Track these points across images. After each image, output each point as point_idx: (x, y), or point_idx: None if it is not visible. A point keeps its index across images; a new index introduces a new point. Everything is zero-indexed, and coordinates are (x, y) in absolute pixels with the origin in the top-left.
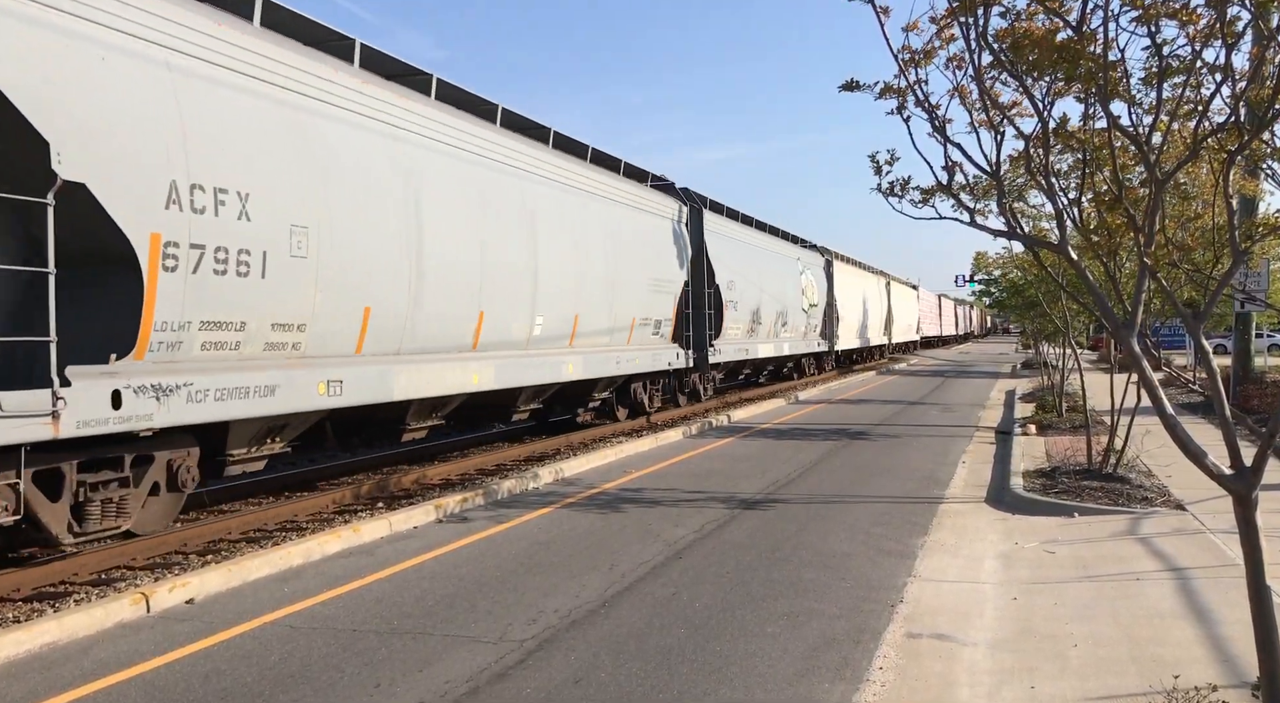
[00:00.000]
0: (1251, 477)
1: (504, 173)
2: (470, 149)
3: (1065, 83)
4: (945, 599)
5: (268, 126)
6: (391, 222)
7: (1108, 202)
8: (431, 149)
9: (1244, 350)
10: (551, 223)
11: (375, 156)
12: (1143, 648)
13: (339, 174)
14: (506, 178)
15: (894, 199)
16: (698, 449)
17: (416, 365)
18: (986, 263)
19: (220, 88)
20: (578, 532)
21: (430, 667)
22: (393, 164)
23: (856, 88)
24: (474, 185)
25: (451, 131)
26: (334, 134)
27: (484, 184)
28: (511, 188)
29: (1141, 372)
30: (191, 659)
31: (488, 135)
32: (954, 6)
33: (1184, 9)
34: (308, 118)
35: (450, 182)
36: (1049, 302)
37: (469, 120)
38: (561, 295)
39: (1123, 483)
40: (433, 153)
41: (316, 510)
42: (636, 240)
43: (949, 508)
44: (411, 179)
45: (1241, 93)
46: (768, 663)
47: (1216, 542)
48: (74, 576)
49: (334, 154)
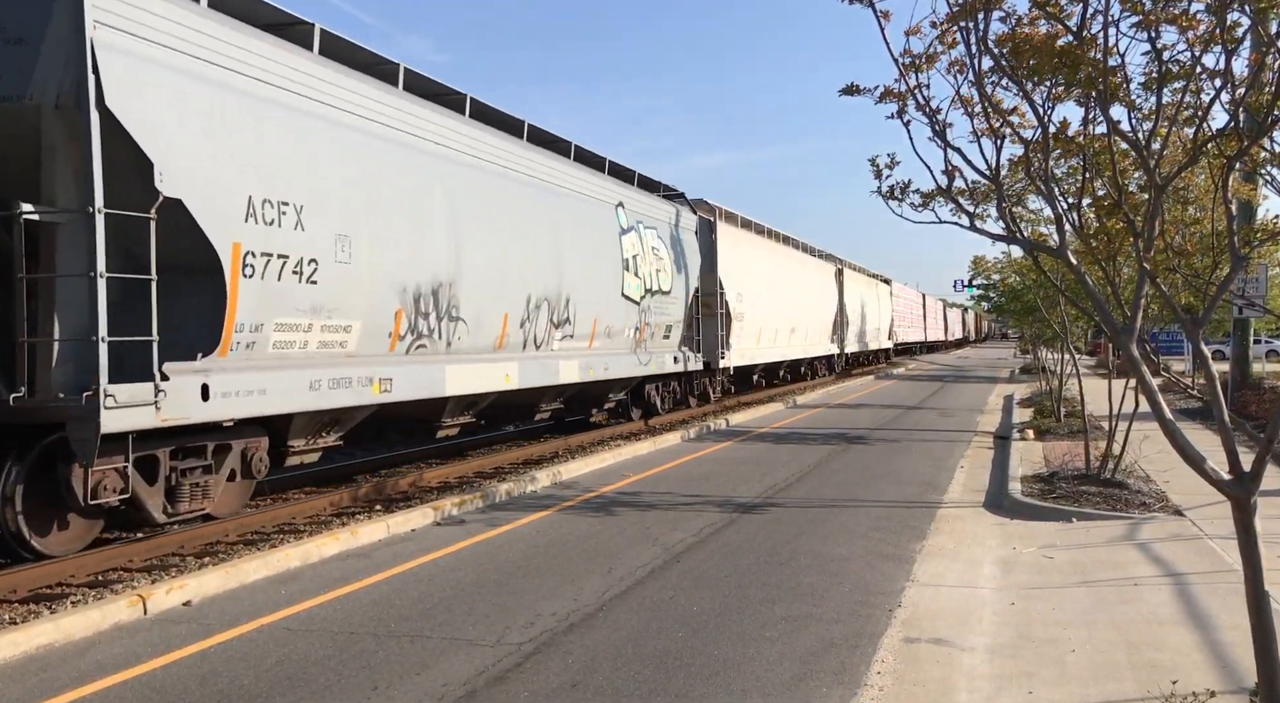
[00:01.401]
0: (1250, 482)
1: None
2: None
3: (1065, 88)
4: (943, 604)
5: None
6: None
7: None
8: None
9: (1242, 356)
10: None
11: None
12: (1141, 654)
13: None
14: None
15: (894, 203)
16: (696, 453)
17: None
18: (985, 267)
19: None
20: (575, 535)
21: (428, 670)
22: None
23: (857, 92)
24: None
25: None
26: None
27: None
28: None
29: (1140, 377)
30: (189, 662)
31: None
32: (954, 11)
33: (1184, 14)
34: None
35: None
36: (1048, 307)
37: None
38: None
39: (1121, 488)
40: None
41: (314, 513)
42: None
43: (947, 513)
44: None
45: (1241, 99)
46: (765, 667)
47: (1215, 547)
48: (71, 577)
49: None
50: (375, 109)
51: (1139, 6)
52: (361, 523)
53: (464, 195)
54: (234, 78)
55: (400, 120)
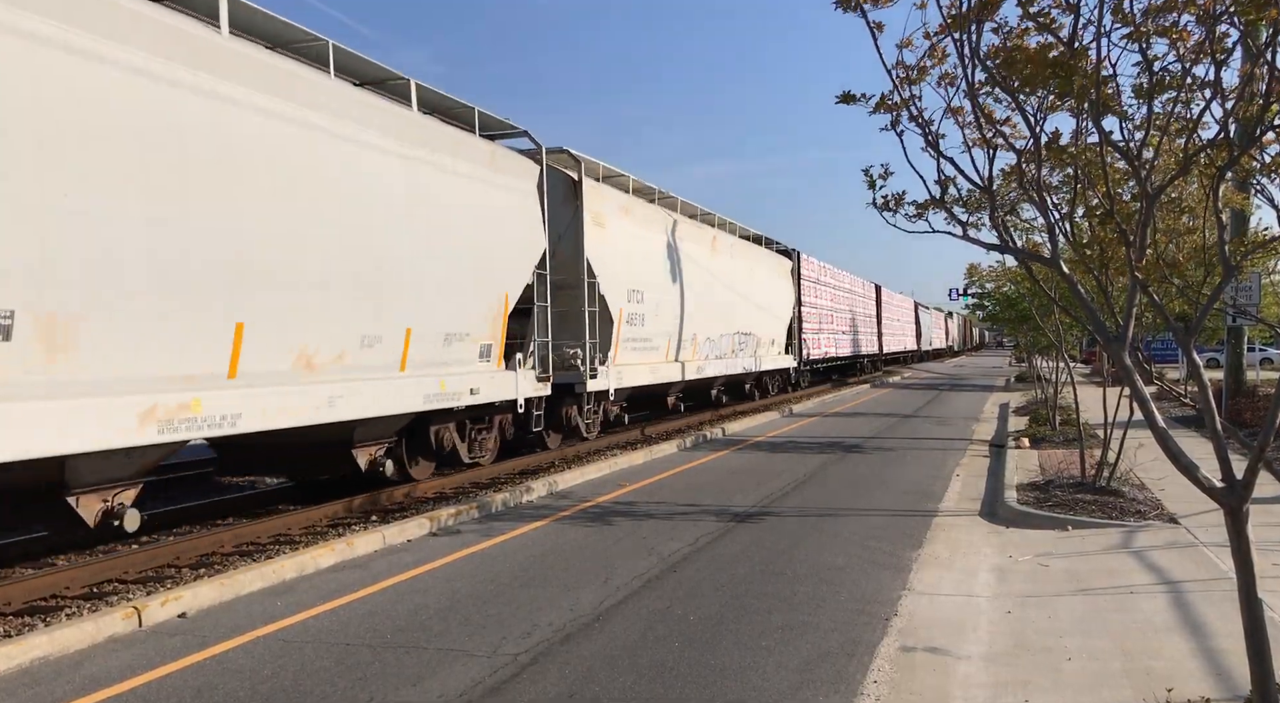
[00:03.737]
0: (1243, 490)
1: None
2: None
3: (1058, 98)
4: (939, 612)
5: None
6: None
7: (1099, 216)
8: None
9: (1236, 364)
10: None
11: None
12: (1136, 661)
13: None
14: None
15: (888, 213)
16: (691, 462)
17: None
18: (980, 275)
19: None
20: (572, 545)
21: (424, 681)
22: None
23: (852, 100)
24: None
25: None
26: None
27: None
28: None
29: (1133, 385)
30: (184, 674)
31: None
32: (947, 23)
33: (1174, 26)
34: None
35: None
36: (1042, 315)
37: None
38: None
39: (1116, 496)
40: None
41: (309, 523)
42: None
43: (943, 521)
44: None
45: (1231, 109)
46: (762, 676)
47: (1209, 555)
48: (65, 589)
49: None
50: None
51: (1130, 18)
52: (357, 534)
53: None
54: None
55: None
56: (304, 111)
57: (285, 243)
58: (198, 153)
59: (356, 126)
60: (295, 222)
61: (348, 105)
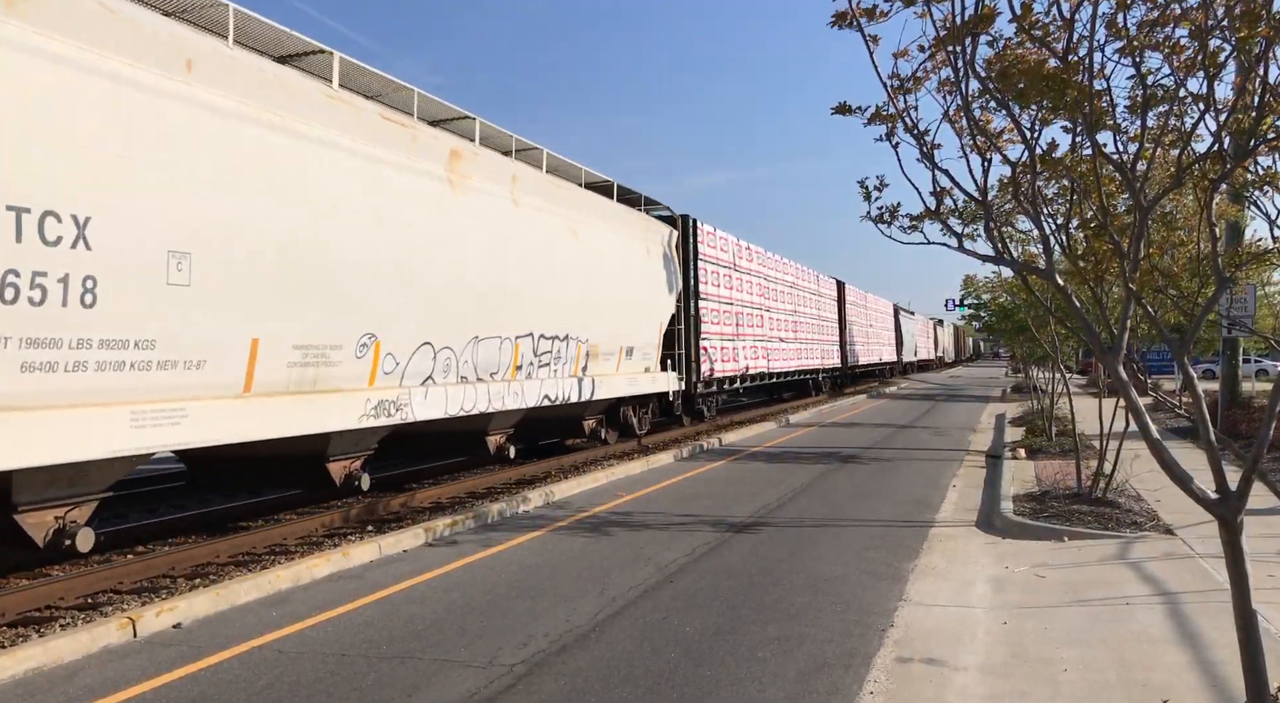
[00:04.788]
0: (1237, 501)
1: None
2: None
3: (1052, 111)
4: (936, 623)
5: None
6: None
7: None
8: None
9: (1231, 375)
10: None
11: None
12: (1133, 672)
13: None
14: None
15: (883, 225)
16: (689, 472)
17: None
18: (976, 286)
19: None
20: (568, 555)
21: (419, 692)
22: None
23: (848, 111)
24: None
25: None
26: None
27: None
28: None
29: (1127, 396)
30: (178, 685)
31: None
32: (942, 36)
33: (1167, 40)
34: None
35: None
36: (1038, 326)
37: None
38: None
39: (1112, 507)
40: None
41: (305, 534)
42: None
43: (940, 532)
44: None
45: (1225, 122)
46: (758, 688)
47: (1206, 566)
48: (60, 599)
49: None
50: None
51: (1124, 32)
52: (353, 544)
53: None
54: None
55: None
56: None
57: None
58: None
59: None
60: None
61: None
